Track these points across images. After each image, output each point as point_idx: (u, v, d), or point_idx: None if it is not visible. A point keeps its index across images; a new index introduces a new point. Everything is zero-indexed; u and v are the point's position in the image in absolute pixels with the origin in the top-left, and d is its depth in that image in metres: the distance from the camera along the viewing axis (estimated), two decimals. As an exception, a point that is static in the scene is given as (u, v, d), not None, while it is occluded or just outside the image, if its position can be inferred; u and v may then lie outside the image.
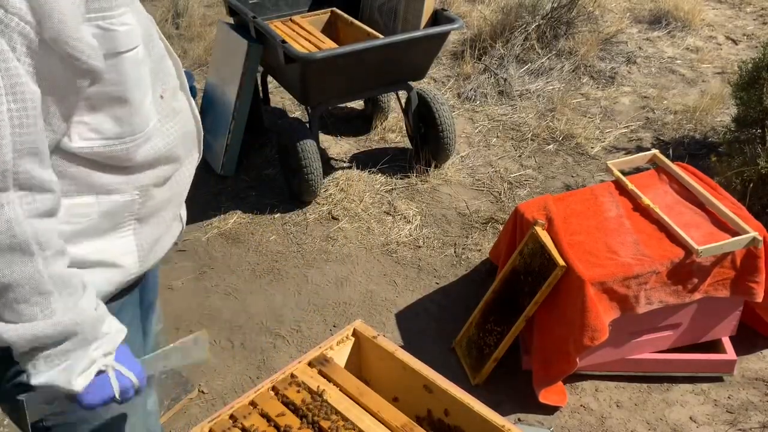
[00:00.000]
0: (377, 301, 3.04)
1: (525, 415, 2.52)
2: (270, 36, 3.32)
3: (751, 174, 3.13)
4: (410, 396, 1.53)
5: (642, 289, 2.42)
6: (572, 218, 2.66)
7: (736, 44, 5.13)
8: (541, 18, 4.87)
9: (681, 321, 2.58)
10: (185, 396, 2.61)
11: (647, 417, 2.49)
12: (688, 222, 2.57)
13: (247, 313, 3.00)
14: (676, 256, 2.44)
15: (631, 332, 2.56)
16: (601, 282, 2.39)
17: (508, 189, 3.68)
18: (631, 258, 2.45)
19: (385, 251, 3.31)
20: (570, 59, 4.76)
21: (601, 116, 4.30)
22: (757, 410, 2.50)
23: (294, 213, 3.55)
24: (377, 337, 1.60)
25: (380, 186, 3.72)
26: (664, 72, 4.76)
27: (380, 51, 3.31)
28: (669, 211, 2.62)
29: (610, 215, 2.66)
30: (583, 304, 2.37)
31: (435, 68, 4.76)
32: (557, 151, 3.99)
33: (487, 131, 4.19)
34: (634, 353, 2.60)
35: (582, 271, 2.39)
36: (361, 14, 4.00)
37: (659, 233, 2.55)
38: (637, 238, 2.53)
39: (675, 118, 4.24)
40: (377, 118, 4.21)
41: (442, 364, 2.62)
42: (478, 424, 1.41)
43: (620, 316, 2.45)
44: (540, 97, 4.47)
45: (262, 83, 4.07)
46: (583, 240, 2.55)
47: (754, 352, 2.73)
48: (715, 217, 2.59)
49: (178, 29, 5.39)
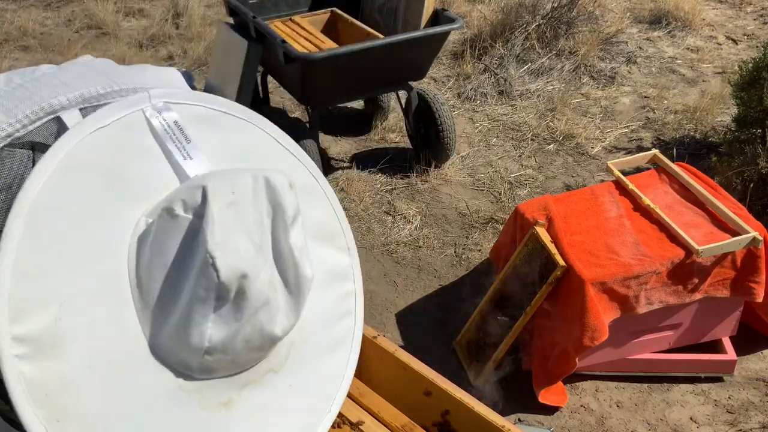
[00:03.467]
0: (377, 301, 3.04)
1: (525, 415, 2.52)
2: (270, 36, 3.32)
3: (752, 174, 3.13)
4: (410, 396, 1.53)
5: (642, 289, 2.42)
6: (572, 218, 2.66)
7: (737, 44, 5.13)
8: (541, 18, 4.86)
9: (681, 321, 2.58)
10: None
11: (647, 417, 2.49)
12: (689, 222, 2.57)
13: (247, 313, 3.00)
14: (676, 256, 2.44)
15: (631, 332, 2.55)
16: (601, 282, 2.38)
17: (508, 189, 3.68)
18: (632, 258, 2.45)
19: (385, 251, 3.31)
20: (570, 59, 4.75)
21: (601, 116, 4.30)
22: (757, 410, 2.50)
23: (294, 213, 3.55)
24: (377, 338, 1.60)
25: (380, 186, 3.72)
26: (665, 72, 4.76)
27: (380, 51, 3.30)
28: (669, 211, 2.62)
29: (611, 215, 2.66)
30: (583, 304, 2.37)
31: (435, 68, 4.75)
32: (557, 151, 3.99)
33: (487, 131, 4.19)
34: (634, 353, 2.60)
35: (582, 271, 2.39)
36: (361, 14, 4.00)
37: (659, 233, 2.55)
38: (638, 238, 2.53)
39: (675, 118, 4.24)
40: (377, 118, 4.20)
41: (442, 364, 2.62)
42: (479, 424, 1.41)
43: (620, 316, 2.45)
44: (540, 97, 4.47)
45: (262, 83, 4.07)
46: (583, 240, 2.55)
47: (754, 352, 2.73)
48: (715, 217, 2.59)
49: (178, 29, 5.39)
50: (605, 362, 2.59)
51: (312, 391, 1.12)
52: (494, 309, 2.67)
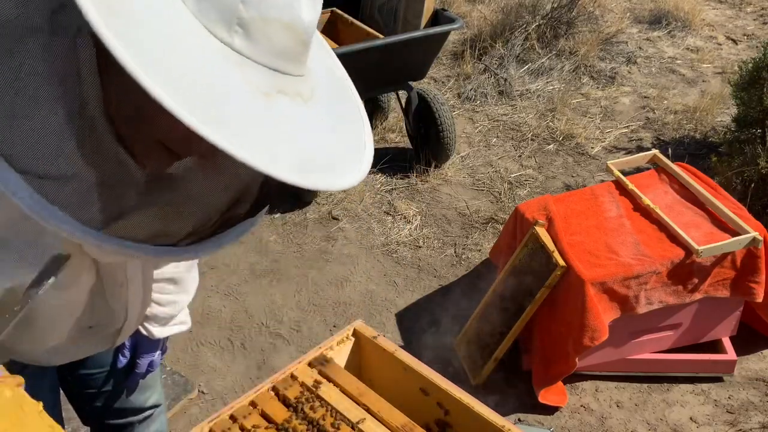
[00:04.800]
0: (377, 302, 3.04)
1: (525, 415, 2.52)
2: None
3: (752, 174, 3.13)
4: (410, 396, 1.53)
5: (642, 289, 2.42)
6: (572, 218, 2.66)
7: (737, 44, 5.13)
8: (541, 18, 4.87)
9: (681, 321, 2.58)
10: (185, 396, 2.61)
11: (647, 417, 2.49)
12: (688, 222, 2.57)
13: (247, 313, 3.00)
14: (676, 256, 2.44)
15: (631, 332, 2.55)
16: (601, 282, 2.38)
17: (508, 189, 3.68)
18: (632, 258, 2.45)
19: (385, 251, 3.31)
20: (570, 59, 4.75)
21: (601, 116, 4.30)
22: (757, 410, 2.50)
23: (294, 213, 3.55)
24: (377, 338, 1.60)
25: (380, 186, 3.72)
26: (665, 72, 4.76)
27: (380, 51, 3.30)
28: (669, 211, 2.62)
29: (611, 215, 2.66)
30: (583, 304, 2.37)
31: (435, 68, 4.75)
32: (557, 151, 3.99)
33: (487, 131, 4.19)
34: (634, 353, 2.60)
35: (582, 271, 2.39)
36: (361, 14, 4.00)
37: (659, 233, 2.55)
38: (638, 238, 2.53)
39: (675, 118, 4.24)
40: (377, 118, 4.20)
41: (442, 364, 2.62)
42: (478, 424, 1.41)
43: (620, 316, 2.45)
44: (540, 97, 4.47)
45: (262, 83, 4.07)
46: (583, 240, 2.55)
47: (754, 352, 2.73)
48: (715, 218, 2.59)
49: (178, 29, 5.39)
50: (605, 362, 2.59)
51: (338, 128, 1.05)
52: (494, 309, 2.67)
